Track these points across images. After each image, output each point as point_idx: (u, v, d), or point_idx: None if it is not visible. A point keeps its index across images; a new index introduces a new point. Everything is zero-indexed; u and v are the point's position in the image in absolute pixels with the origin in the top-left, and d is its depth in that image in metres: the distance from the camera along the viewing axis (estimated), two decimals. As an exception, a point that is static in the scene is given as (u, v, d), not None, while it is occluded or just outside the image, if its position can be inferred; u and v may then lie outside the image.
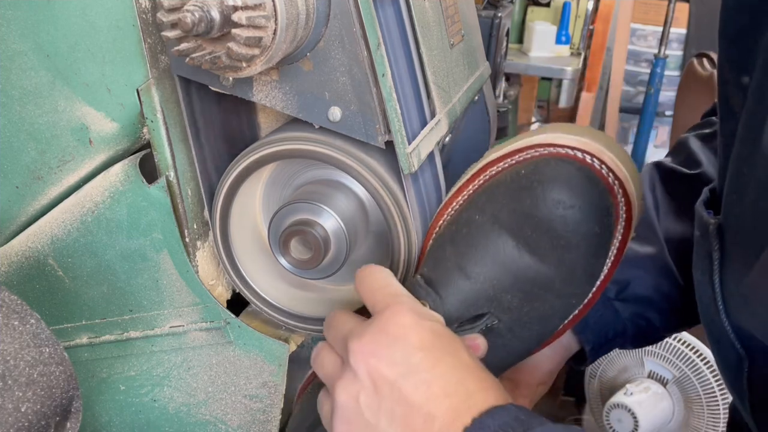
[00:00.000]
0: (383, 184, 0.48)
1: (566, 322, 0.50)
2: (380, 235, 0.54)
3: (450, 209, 0.50)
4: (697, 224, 0.49)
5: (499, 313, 0.46)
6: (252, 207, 0.55)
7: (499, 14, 1.32)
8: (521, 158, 0.47)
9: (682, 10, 3.09)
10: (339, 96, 0.46)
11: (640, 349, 1.46)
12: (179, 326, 0.56)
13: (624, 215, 0.47)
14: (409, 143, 0.47)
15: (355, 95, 0.45)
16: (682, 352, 1.41)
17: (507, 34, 1.42)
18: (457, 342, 0.41)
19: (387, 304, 0.41)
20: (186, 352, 0.57)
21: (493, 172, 0.49)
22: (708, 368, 1.38)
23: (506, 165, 0.48)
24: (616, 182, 0.46)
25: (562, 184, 0.44)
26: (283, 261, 0.51)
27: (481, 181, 0.49)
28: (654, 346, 1.44)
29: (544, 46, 2.08)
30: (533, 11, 2.18)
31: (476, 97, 0.70)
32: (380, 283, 0.44)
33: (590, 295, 0.49)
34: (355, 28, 0.44)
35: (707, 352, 1.39)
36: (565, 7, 2.13)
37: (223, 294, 0.58)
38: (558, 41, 2.13)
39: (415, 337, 0.39)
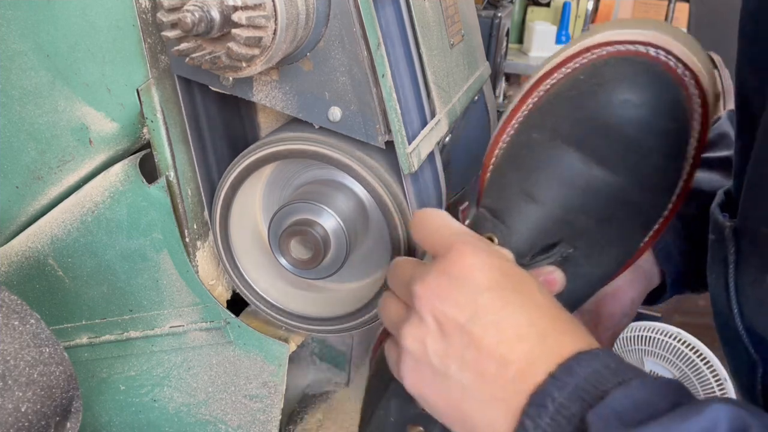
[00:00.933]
0: (383, 184, 0.48)
1: (647, 238, 0.46)
2: (380, 235, 0.54)
3: (505, 135, 0.46)
4: (712, 227, 0.47)
5: (574, 239, 0.42)
6: (252, 207, 0.55)
7: (499, 14, 1.32)
8: (578, 64, 0.43)
9: (682, 10, 3.09)
10: (339, 96, 0.46)
11: (640, 349, 1.47)
12: (179, 326, 0.56)
13: (700, 110, 0.42)
14: (409, 143, 0.47)
15: (355, 95, 0.45)
16: (682, 352, 1.41)
17: (507, 34, 1.42)
18: (529, 279, 0.38)
19: (450, 244, 0.38)
20: (186, 352, 0.57)
21: (548, 86, 0.44)
22: (708, 368, 1.38)
23: (561, 75, 0.44)
24: (687, 73, 0.41)
25: (627, 83, 0.40)
26: (283, 261, 0.51)
27: (536, 99, 0.45)
28: (654, 346, 1.44)
29: (544, 46, 2.08)
30: (533, 11, 2.19)
31: (476, 97, 0.70)
32: (438, 223, 0.41)
33: (671, 204, 0.45)
34: (355, 28, 0.44)
35: (707, 352, 1.39)
36: (565, 7, 2.13)
37: (223, 294, 0.58)
38: (558, 41, 2.13)
39: (481, 277, 0.36)
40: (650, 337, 1.44)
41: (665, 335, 1.42)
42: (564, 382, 0.33)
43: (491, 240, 0.42)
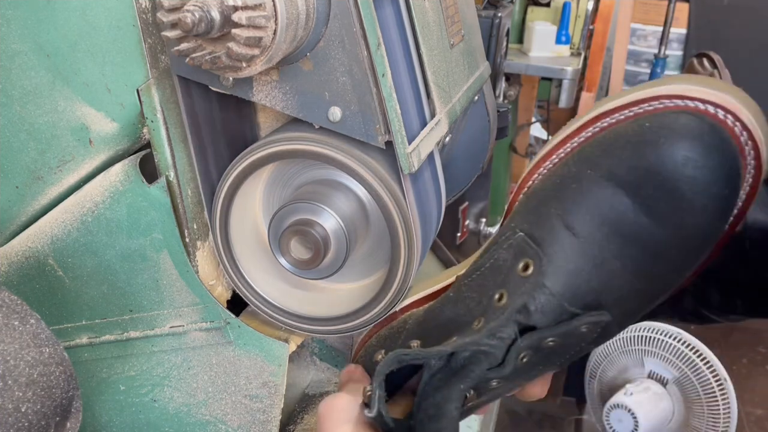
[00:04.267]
0: (383, 184, 0.48)
1: (665, 297, 0.45)
2: (380, 235, 0.54)
3: (548, 162, 0.47)
4: None
5: (610, 301, 0.42)
6: (252, 207, 0.55)
7: (499, 14, 1.32)
8: (643, 110, 0.43)
9: (682, 10, 3.09)
10: (339, 96, 0.46)
11: (640, 350, 1.47)
12: (179, 326, 0.56)
13: (751, 180, 0.43)
14: (409, 143, 0.47)
15: (355, 95, 0.45)
16: (682, 352, 1.41)
17: (507, 34, 1.42)
18: None
19: None
20: (186, 352, 0.57)
21: (606, 124, 0.44)
22: (708, 368, 1.39)
23: (623, 117, 0.44)
24: (749, 143, 0.42)
25: (694, 142, 0.40)
26: (283, 261, 0.51)
27: (590, 134, 0.45)
28: (654, 346, 1.44)
29: (544, 46, 2.08)
30: (533, 11, 2.18)
31: (476, 97, 0.70)
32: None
33: (695, 268, 0.44)
34: (355, 28, 0.44)
35: (707, 352, 1.39)
36: (565, 7, 2.13)
37: (223, 294, 0.58)
38: (558, 41, 2.12)
39: None
40: (650, 337, 1.44)
41: (665, 335, 1.43)
42: None
43: (527, 267, 0.42)
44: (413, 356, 0.41)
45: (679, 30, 3.14)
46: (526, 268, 0.42)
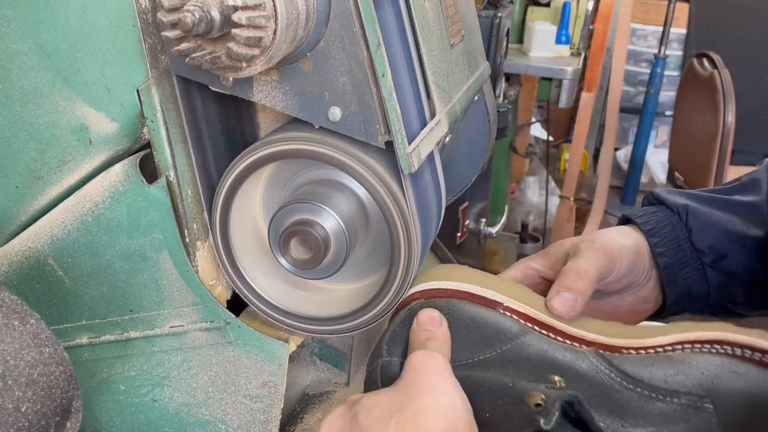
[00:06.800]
0: (383, 184, 0.48)
1: None
2: (380, 235, 0.54)
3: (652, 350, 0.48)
4: None
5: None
6: (252, 207, 0.56)
7: (499, 14, 1.32)
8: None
9: (682, 10, 3.10)
10: (339, 96, 0.46)
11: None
12: (179, 326, 0.56)
13: None
14: (409, 143, 0.47)
15: (355, 95, 0.45)
16: (682, 352, 1.40)
17: (507, 34, 1.42)
18: None
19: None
20: (186, 352, 0.57)
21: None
22: (708, 368, 1.38)
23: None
24: None
25: None
26: (283, 261, 0.51)
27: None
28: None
29: (544, 46, 2.08)
30: (533, 11, 2.18)
31: (476, 97, 0.70)
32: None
33: None
34: (355, 28, 0.44)
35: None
36: (565, 7, 2.13)
37: (223, 294, 0.58)
38: (558, 41, 2.12)
39: None
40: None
41: (665, 335, 1.42)
42: None
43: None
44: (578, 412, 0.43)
45: (679, 30, 3.14)
46: None
